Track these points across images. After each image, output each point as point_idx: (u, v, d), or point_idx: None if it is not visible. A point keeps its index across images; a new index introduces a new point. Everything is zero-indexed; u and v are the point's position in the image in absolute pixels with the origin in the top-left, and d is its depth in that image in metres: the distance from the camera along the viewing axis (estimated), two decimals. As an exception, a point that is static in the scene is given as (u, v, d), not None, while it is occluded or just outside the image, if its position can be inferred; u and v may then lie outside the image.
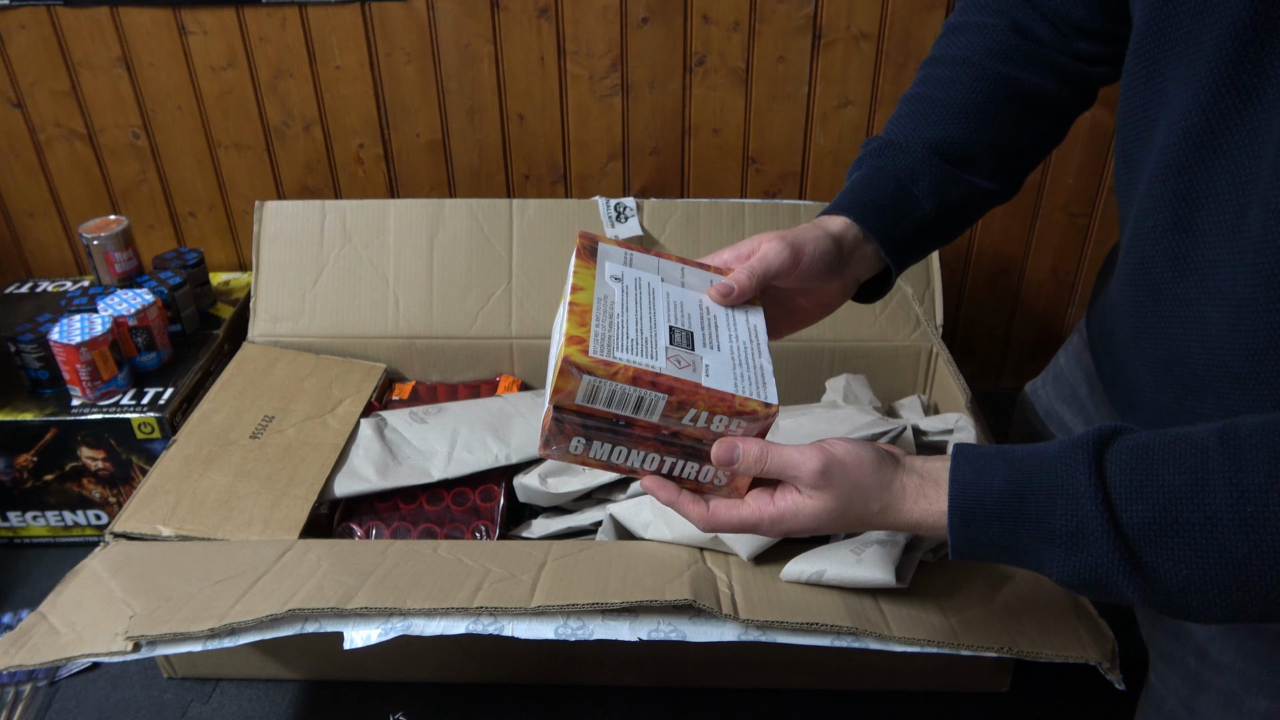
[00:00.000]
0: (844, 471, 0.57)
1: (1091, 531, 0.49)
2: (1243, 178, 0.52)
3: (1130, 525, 0.49)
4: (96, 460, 1.11)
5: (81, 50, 1.27)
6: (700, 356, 0.59)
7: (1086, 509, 0.50)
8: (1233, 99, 0.52)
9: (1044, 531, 0.51)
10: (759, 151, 1.32)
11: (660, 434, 0.59)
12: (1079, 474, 0.50)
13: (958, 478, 0.55)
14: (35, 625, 0.79)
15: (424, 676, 0.95)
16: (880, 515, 0.57)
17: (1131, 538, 0.49)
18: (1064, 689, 0.92)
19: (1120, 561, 0.49)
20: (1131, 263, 0.63)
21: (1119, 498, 0.49)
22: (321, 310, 1.19)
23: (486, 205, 1.20)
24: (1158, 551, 0.48)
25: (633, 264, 0.66)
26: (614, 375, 0.56)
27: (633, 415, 0.58)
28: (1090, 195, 1.34)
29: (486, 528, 0.97)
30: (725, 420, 0.58)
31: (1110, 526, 0.49)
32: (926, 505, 0.56)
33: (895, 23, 1.23)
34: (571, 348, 0.56)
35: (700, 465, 0.60)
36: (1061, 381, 0.87)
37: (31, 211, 1.40)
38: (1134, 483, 0.49)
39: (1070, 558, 0.51)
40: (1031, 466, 0.53)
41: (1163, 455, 0.49)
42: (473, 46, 1.26)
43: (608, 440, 0.59)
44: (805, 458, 0.57)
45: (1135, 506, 0.49)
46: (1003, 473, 0.53)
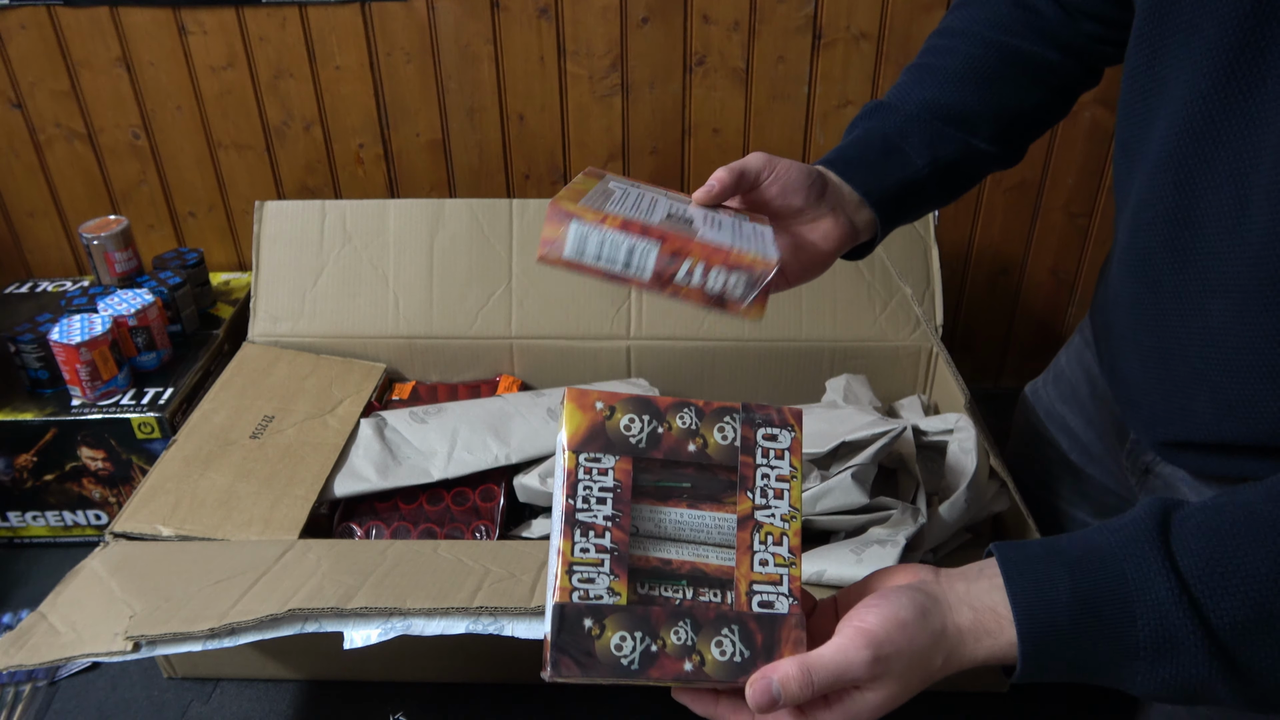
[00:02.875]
0: (896, 649, 0.48)
1: (1181, 641, 0.45)
2: (1244, 168, 0.52)
3: (1222, 627, 0.44)
4: (96, 460, 1.11)
5: (81, 50, 1.27)
6: (698, 229, 0.56)
7: (1171, 616, 0.45)
8: (1234, 88, 0.52)
9: (1124, 647, 0.46)
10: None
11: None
12: (1154, 574, 0.45)
13: (1019, 600, 0.48)
14: (35, 625, 0.79)
15: (424, 676, 0.95)
16: (944, 668, 0.50)
17: (1226, 641, 0.44)
18: (1064, 689, 0.92)
19: (1216, 668, 0.44)
20: (1131, 254, 0.63)
21: (1204, 596, 0.44)
22: (321, 310, 1.19)
23: (486, 205, 1.20)
24: (1254, 650, 0.44)
25: (635, 186, 0.64)
26: (603, 221, 0.52)
27: (623, 273, 0.53)
28: (1090, 195, 1.34)
29: (486, 528, 0.97)
30: (723, 275, 0.53)
31: (1201, 633, 0.44)
32: (991, 643, 0.48)
33: (895, 23, 1.23)
34: (561, 198, 0.52)
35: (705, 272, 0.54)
36: (1063, 381, 0.87)
37: (31, 211, 1.40)
38: (1216, 576, 0.45)
39: (1158, 670, 0.46)
40: (1096, 571, 0.47)
41: (1237, 538, 0.45)
42: (473, 46, 1.26)
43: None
44: (852, 654, 0.47)
45: (1224, 604, 0.44)
46: (1066, 584, 0.47)
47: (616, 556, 0.49)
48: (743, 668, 0.48)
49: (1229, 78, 0.52)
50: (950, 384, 1.07)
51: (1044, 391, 0.90)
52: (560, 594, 0.48)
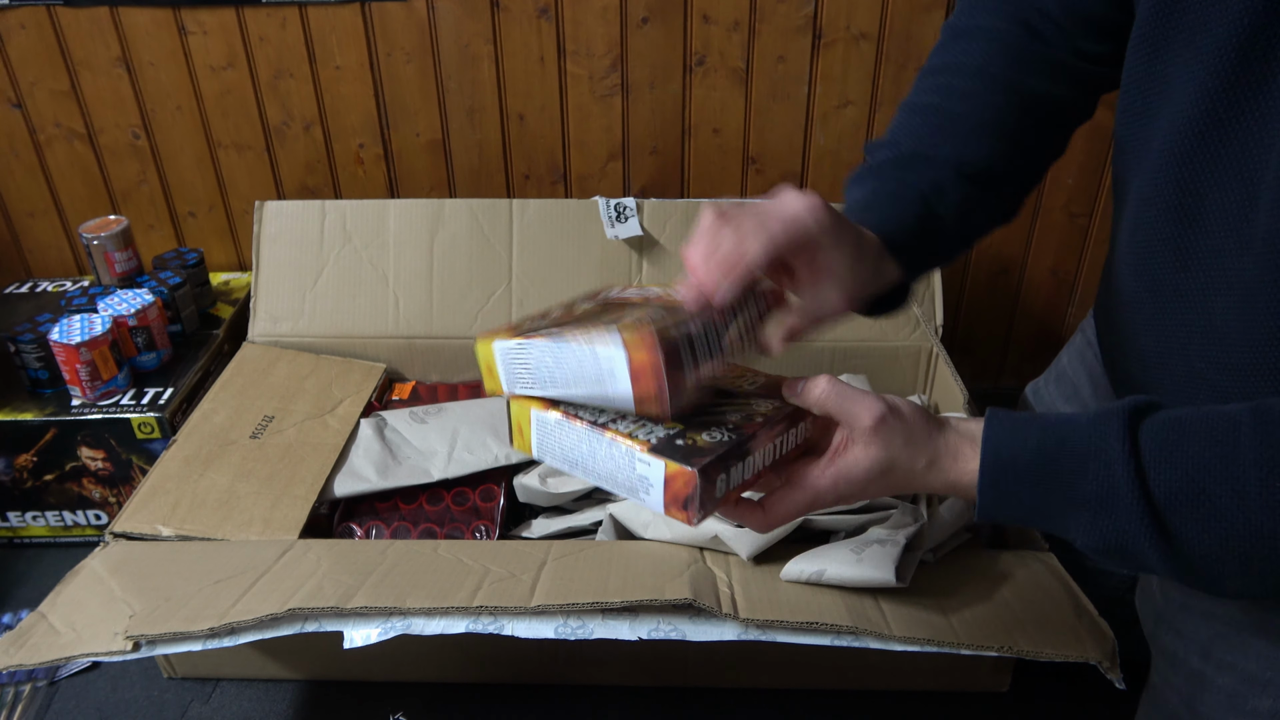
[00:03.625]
0: (900, 421, 0.56)
1: (1121, 497, 0.50)
2: (1251, 166, 0.52)
3: (1159, 493, 0.49)
4: (96, 460, 1.11)
5: (81, 50, 1.27)
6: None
7: (1118, 474, 0.50)
8: (1242, 87, 0.51)
9: (1073, 495, 0.51)
10: (759, 151, 1.32)
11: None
12: (1112, 440, 0.50)
13: (990, 438, 0.54)
14: (35, 625, 0.79)
15: (424, 676, 0.95)
16: (925, 471, 0.57)
17: (1160, 505, 0.49)
18: (1064, 689, 0.92)
19: (1147, 528, 0.49)
20: (1131, 253, 0.63)
21: (1150, 465, 0.49)
22: (321, 310, 1.19)
23: (486, 205, 1.20)
24: (1184, 520, 0.48)
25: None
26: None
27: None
28: (1090, 195, 1.34)
29: (486, 528, 0.97)
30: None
31: (1140, 493, 0.49)
32: (963, 464, 0.56)
33: (895, 23, 1.23)
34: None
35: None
36: (1064, 381, 0.87)
37: (31, 211, 1.40)
38: (1165, 451, 0.49)
39: (1097, 522, 0.51)
40: (1065, 431, 0.53)
41: (1195, 428, 0.49)
42: (473, 46, 1.26)
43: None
44: (868, 397, 0.57)
45: (1165, 474, 0.49)
46: (1035, 436, 0.53)
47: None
48: (782, 406, 0.61)
49: (1238, 75, 0.52)
50: (950, 384, 1.07)
51: (1045, 391, 0.90)
52: (645, 446, 0.56)
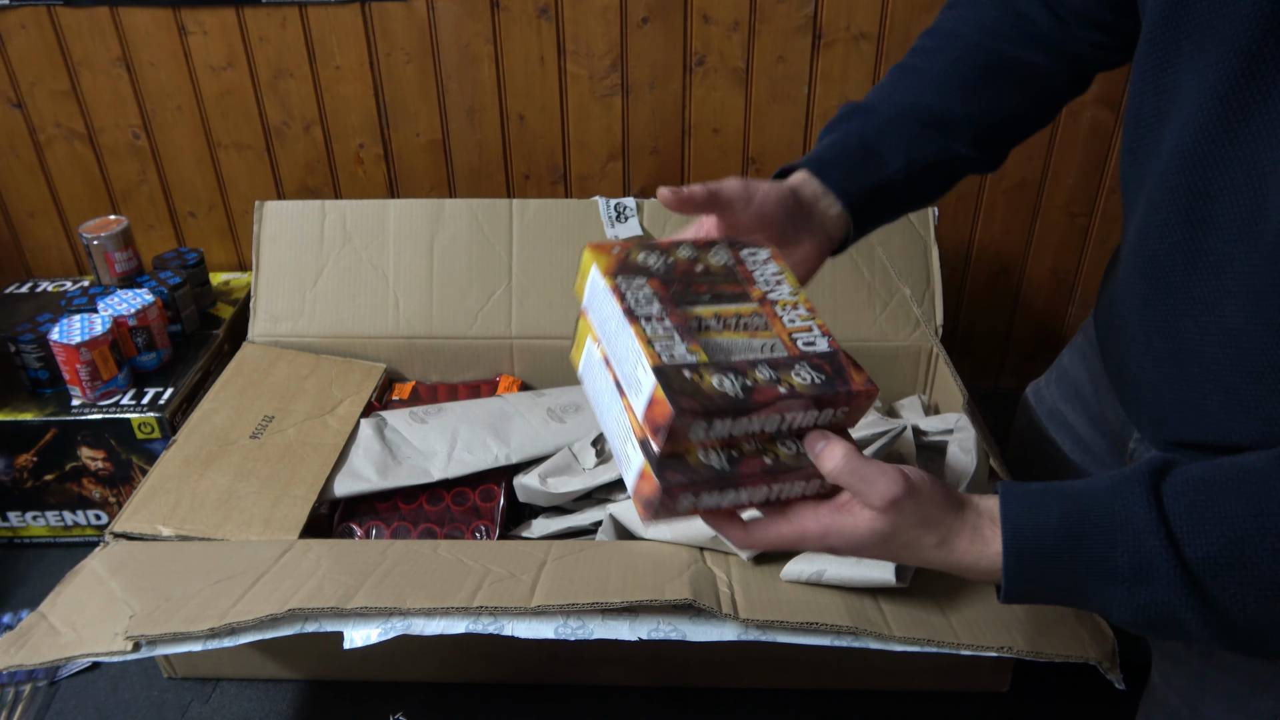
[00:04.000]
0: (916, 503, 0.53)
1: (1155, 568, 0.48)
2: (1261, 169, 0.52)
3: (1195, 559, 0.47)
4: (96, 460, 1.11)
5: (81, 50, 1.27)
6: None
7: (1149, 544, 0.48)
8: (1252, 90, 0.51)
9: (1104, 570, 0.50)
10: (759, 151, 1.32)
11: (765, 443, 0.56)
12: (1137, 508, 0.49)
13: (1010, 516, 0.52)
14: (35, 625, 0.79)
15: (424, 676, 0.95)
16: (935, 550, 0.54)
17: (1197, 573, 0.47)
18: (1064, 689, 0.92)
19: (1186, 597, 0.47)
20: (1141, 257, 0.63)
21: (1182, 531, 0.48)
22: (321, 310, 1.19)
23: (486, 205, 1.20)
24: (1224, 586, 0.47)
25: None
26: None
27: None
28: (1090, 195, 1.34)
29: (486, 528, 0.97)
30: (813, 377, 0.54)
31: (1175, 562, 0.47)
32: (981, 546, 0.53)
33: (895, 23, 1.23)
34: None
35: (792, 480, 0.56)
36: (1065, 381, 0.87)
37: (31, 211, 1.40)
38: (1196, 515, 0.48)
39: (1134, 596, 0.49)
40: (1086, 501, 0.51)
41: (1222, 486, 0.48)
42: (473, 46, 1.26)
43: (713, 488, 0.55)
44: (887, 476, 0.53)
45: (1199, 540, 0.47)
46: (1057, 509, 0.51)
47: (683, 331, 0.55)
48: (827, 386, 0.54)
49: (1248, 78, 0.51)
50: (950, 384, 1.07)
51: (1046, 392, 0.90)
52: (653, 359, 0.53)
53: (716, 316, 0.58)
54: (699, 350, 0.55)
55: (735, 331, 0.57)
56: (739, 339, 0.57)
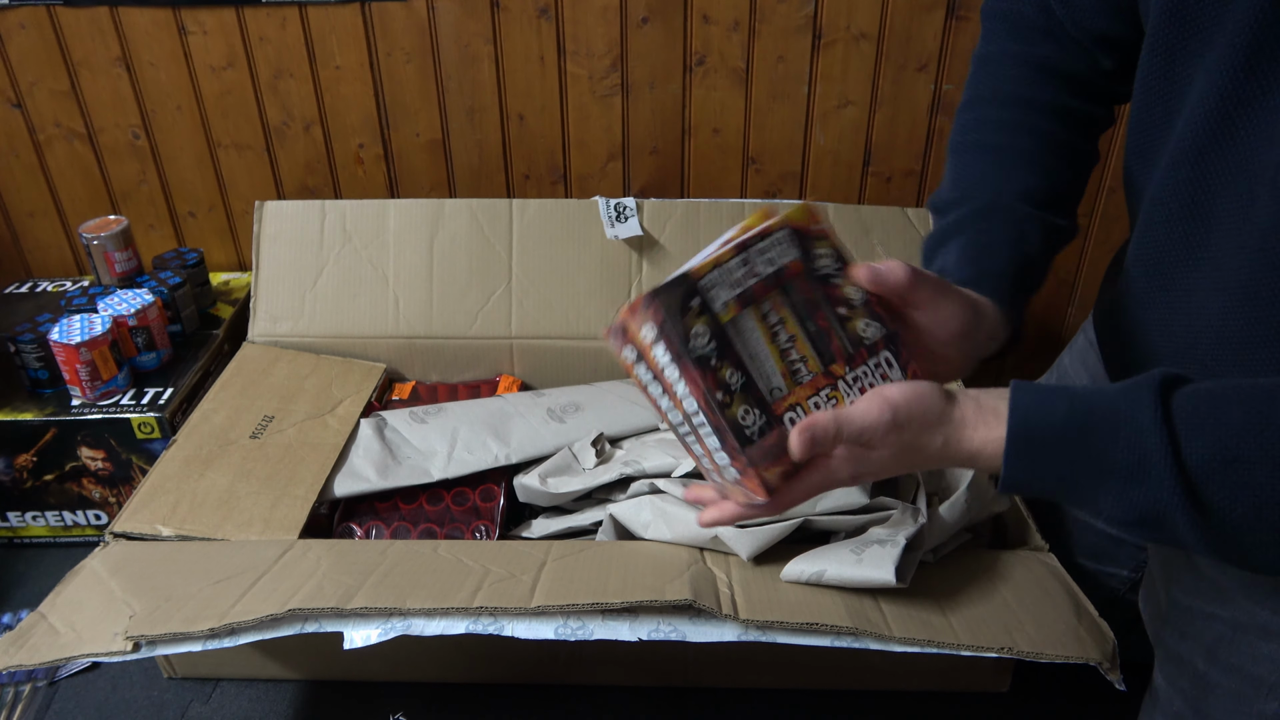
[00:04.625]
0: (910, 418, 0.56)
1: (1153, 464, 0.49)
2: (1255, 164, 0.52)
3: (1192, 461, 0.48)
4: (96, 460, 1.11)
5: (81, 50, 1.27)
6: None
7: (1150, 441, 0.49)
8: (1250, 85, 0.52)
9: (1103, 464, 0.51)
10: (759, 151, 1.32)
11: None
12: (1144, 408, 0.50)
13: (1018, 406, 0.53)
14: (35, 625, 0.79)
15: (424, 676, 0.95)
16: (942, 450, 0.56)
17: (1193, 473, 0.48)
18: (1064, 689, 0.92)
19: (1179, 497, 0.48)
20: (1143, 252, 0.63)
21: (1183, 433, 0.49)
22: (321, 310, 1.19)
23: (486, 205, 1.20)
24: (1217, 488, 0.48)
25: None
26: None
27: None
28: (1090, 195, 1.34)
29: (486, 528, 0.97)
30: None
31: (1173, 460, 0.48)
32: (985, 433, 0.55)
33: (895, 23, 1.23)
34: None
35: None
36: (1066, 382, 0.87)
37: (31, 211, 1.40)
38: (1198, 420, 0.49)
39: (1128, 491, 0.50)
40: (1094, 400, 0.52)
41: (1229, 397, 0.49)
42: (473, 46, 1.26)
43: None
44: (875, 418, 0.55)
45: (1198, 442, 0.48)
46: (1064, 404, 0.52)
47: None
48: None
49: (1247, 75, 0.52)
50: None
51: (1045, 391, 0.90)
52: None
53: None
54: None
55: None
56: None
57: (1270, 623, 0.60)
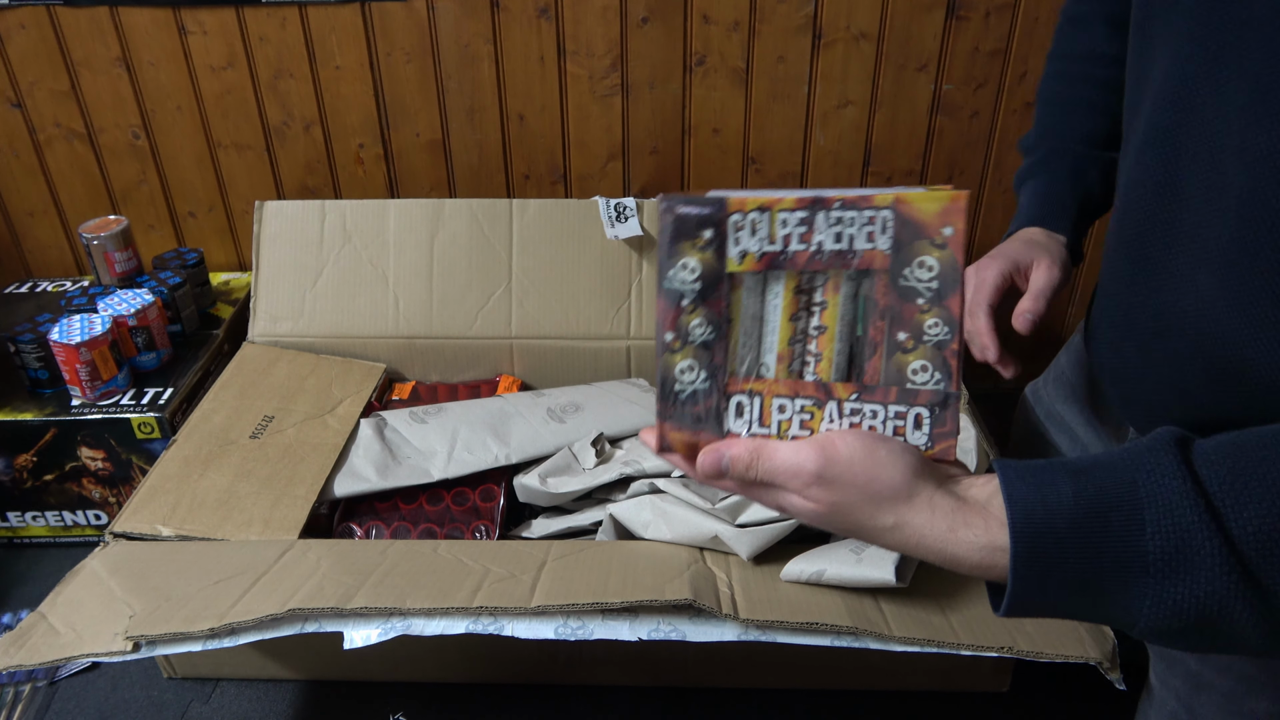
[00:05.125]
0: (844, 483, 0.47)
1: (1196, 550, 0.39)
2: (1219, 132, 0.52)
3: (1244, 535, 0.39)
4: (96, 460, 1.11)
5: (81, 50, 1.27)
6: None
7: (1186, 521, 0.40)
8: (1207, 55, 0.52)
9: (1130, 557, 0.41)
10: (759, 151, 1.32)
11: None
12: (1168, 478, 0.41)
13: (1016, 497, 0.43)
14: (35, 625, 0.79)
15: (424, 676, 0.95)
16: (895, 532, 0.46)
17: (1246, 553, 0.39)
18: (1064, 689, 0.92)
19: (1236, 584, 0.39)
20: (1122, 235, 0.64)
21: (1224, 504, 0.40)
22: (321, 310, 1.19)
23: (486, 205, 1.20)
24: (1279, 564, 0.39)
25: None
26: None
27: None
28: (1090, 195, 1.34)
29: (486, 528, 0.97)
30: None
31: (1220, 540, 0.39)
32: (970, 535, 0.44)
33: (895, 23, 1.23)
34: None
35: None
36: (1063, 382, 0.87)
37: (31, 211, 1.40)
38: (1239, 482, 0.40)
39: (1169, 589, 0.40)
40: (1102, 477, 0.42)
41: (1261, 449, 0.41)
42: (473, 46, 1.26)
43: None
44: (800, 464, 0.47)
45: (1248, 510, 0.39)
46: (1069, 486, 0.42)
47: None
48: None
49: (1204, 45, 0.52)
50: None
51: (1044, 392, 0.90)
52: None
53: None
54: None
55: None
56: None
57: None
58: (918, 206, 0.49)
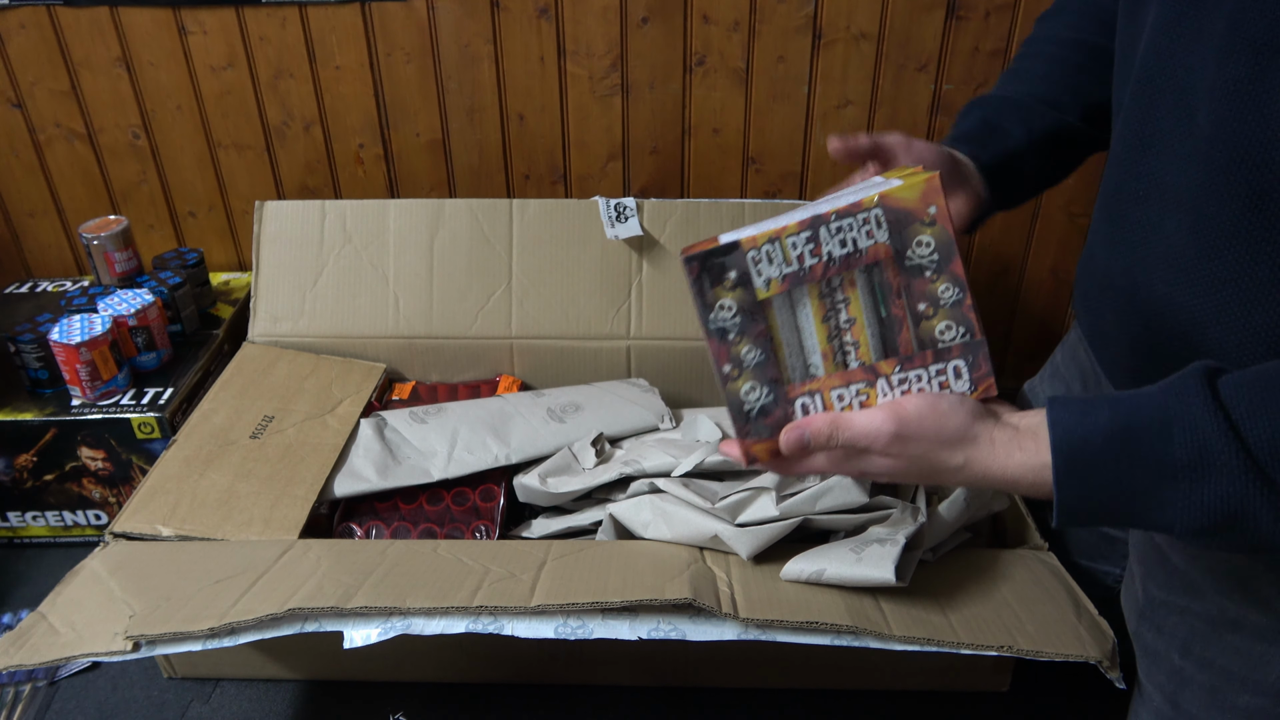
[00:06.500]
0: (919, 435, 0.55)
1: (1217, 455, 0.46)
2: (1194, 72, 0.53)
3: (1259, 443, 0.45)
4: (96, 460, 1.11)
5: (81, 50, 1.27)
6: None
7: (1207, 431, 0.46)
8: (1180, 6, 0.54)
9: (1161, 467, 0.47)
10: (759, 151, 1.32)
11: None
12: (1193, 400, 0.47)
13: (1058, 422, 0.51)
14: (35, 625, 0.79)
15: (424, 676, 0.95)
16: (964, 469, 0.54)
17: (1261, 456, 0.45)
18: (1064, 689, 0.92)
19: (1255, 485, 0.45)
20: (1104, 193, 0.65)
21: (1241, 418, 0.46)
22: (321, 310, 1.19)
23: (486, 205, 1.20)
24: None
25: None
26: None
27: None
28: (1090, 195, 1.33)
29: (486, 528, 0.97)
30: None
31: (1237, 446, 0.45)
32: (1023, 458, 0.52)
33: (895, 23, 1.23)
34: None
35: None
36: (1058, 379, 0.87)
37: (31, 211, 1.40)
38: (1256, 402, 0.46)
39: (1196, 492, 0.47)
40: (1138, 402, 0.50)
41: (1275, 375, 0.47)
42: (473, 46, 1.26)
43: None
44: (876, 423, 0.55)
45: (1262, 423, 0.45)
46: (1106, 413, 0.50)
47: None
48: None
49: (1177, 2, 0.54)
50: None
51: (1040, 389, 0.91)
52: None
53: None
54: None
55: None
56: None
57: (1240, 616, 0.60)
58: (900, 197, 0.56)
